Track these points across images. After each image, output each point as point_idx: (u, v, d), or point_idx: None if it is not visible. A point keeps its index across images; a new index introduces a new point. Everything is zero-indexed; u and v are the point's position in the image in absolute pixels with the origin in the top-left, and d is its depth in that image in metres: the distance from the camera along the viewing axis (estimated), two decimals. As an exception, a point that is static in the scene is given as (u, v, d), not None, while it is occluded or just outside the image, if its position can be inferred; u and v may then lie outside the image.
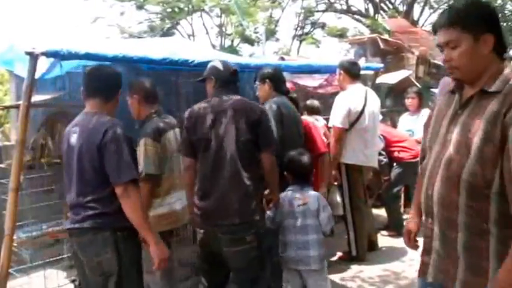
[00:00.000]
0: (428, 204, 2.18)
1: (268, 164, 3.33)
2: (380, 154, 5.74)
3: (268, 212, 3.59)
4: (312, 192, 3.72)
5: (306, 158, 3.78)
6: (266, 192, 3.57)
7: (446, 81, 7.12)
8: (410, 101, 6.66)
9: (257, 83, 4.26)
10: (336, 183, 5.05)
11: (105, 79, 3.03)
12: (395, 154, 6.00)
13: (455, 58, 2.05)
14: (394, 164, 6.11)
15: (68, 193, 2.92)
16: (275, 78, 4.19)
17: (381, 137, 5.82)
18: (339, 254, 5.29)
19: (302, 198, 3.64)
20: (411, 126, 6.58)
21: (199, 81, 3.61)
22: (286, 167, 3.78)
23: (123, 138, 2.80)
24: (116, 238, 2.79)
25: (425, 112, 6.52)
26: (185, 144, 3.35)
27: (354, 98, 4.95)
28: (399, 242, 4.54)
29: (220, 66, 3.47)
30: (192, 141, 3.29)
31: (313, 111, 5.62)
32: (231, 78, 3.45)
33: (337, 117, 4.90)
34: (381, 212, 6.51)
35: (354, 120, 4.92)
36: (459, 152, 2.01)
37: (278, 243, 3.71)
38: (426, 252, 2.28)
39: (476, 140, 1.94)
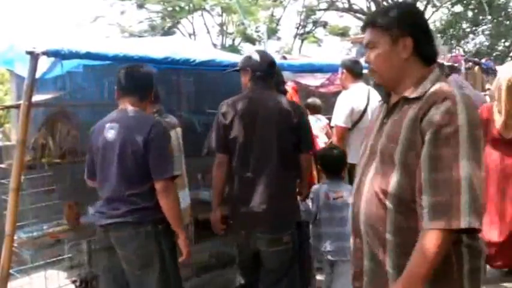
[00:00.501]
0: (355, 223, 2.00)
1: (306, 165, 3.40)
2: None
3: (302, 205, 3.62)
4: (347, 186, 3.75)
5: (337, 153, 3.88)
6: None
7: (454, 80, 7.12)
8: None
9: None
10: None
11: (142, 78, 3.08)
12: None
13: (372, 60, 1.95)
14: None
15: (102, 187, 2.99)
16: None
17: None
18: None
19: (337, 192, 3.69)
20: None
21: (234, 71, 3.55)
22: (319, 162, 3.89)
23: (166, 135, 2.96)
24: (156, 231, 2.89)
25: None
26: (220, 141, 3.30)
27: (356, 97, 4.92)
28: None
29: (257, 57, 3.35)
30: (227, 138, 3.25)
31: (314, 109, 5.59)
32: (268, 71, 3.34)
33: (339, 117, 4.87)
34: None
35: (357, 119, 4.88)
36: (384, 164, 1.87)
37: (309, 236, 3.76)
38: (357, 276, 2.04)
39: (398, 149, 1.81)
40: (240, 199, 3.23)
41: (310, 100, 5.79)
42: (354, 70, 5.05)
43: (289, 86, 4.86)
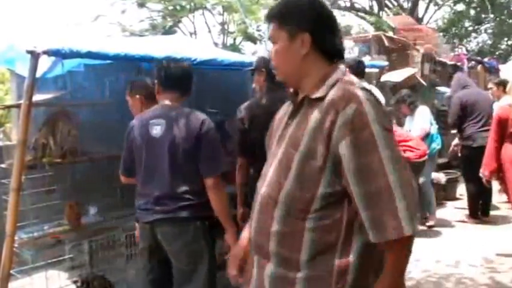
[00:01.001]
0: (250, 233, 1.88)
1: None
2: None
3: None
4: None
5: None
6: None
7: (458, 78, 7.10)
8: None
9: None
10: None
11: (184, 74, 3.11)
12: None
13: (273, 56, 1.85)
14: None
15: (145, 184, 2.98)
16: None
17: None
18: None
19: None
20: (407, 126, 6.53)
21: (250, 70, 3.57)
22: None
23: (216, 132, 2.99)
24: (205, 228, 2.94)
25: (421, 109, 6.47)
26: (240, 145, 3.44)
27: None
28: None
29: None
30: (246, 143, 3.36)
31: None
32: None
33: None
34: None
35: None
36: (281, 170, 1.74)
37: None
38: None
39: (297, 156, 1.68)
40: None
41: None
42: (356, 69, 5.01)
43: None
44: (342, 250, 1.67)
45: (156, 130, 2.93)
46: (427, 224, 6.36)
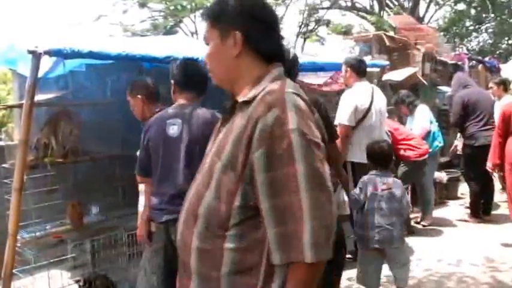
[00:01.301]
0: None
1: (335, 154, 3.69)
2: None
3: (350, 194, 3.93)
4: (394, 179, 3.98)
5: (385, 146, 4.15)
6: None
7: (458, 77, 7.11)
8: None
9: None
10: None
11: (203, 74, 3.03)
12: (401, 152, 5.93)
13: (205, 58, 1.74)
14: (401, 162, 6.05)
15: (161, 184, 2.98)
16: None
17: (388, 133, 5.76)
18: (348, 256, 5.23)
19: (386, 183, 3.88)
20: (408, 125, 6.53)
21: None
22: (368, 154, 4.13)
23: None
24: None
25: (420, 108, 6.47)
26: None
27: (360, 95, 4.91)
28: (407, 241, 4.49)
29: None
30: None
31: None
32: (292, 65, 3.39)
33: (343, 115, 4.85)
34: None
35: (361, 117, 4.87)
36: (204, 180, 1.63)
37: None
38: None
39: (219, 165, 1.56)
40: None
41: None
42: (358, 69, 5.05)
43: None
44: (266, 274, 1.52)
45: (173, 130, 2.96)
46: (422, 223, 6.38)
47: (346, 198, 5.01)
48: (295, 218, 1.42)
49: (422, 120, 6.36)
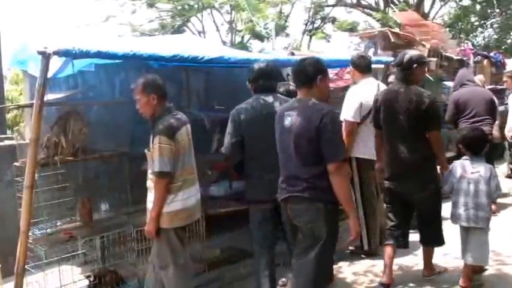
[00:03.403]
0: None
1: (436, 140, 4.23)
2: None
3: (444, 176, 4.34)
4: (485, 164, 4.25)
5: (479, 133, 4.48)
6: None
7: (459, 75, 7.13)
8: None
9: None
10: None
11: (306, 70, 3.41)
12: None
13: None
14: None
15: (282, 167, 3.42)
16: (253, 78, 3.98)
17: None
18: (351, 248, 5.29)
19: (475, 167, 4.18)
20: None
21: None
22: (461, 140, 4.42)
23: (338, 121, 3.42)
24: (326, 210, 3.26)
25: None
26: (375, 119, 4.32)
27: (365, 91, 4.94)
28: (412, 236, 4.52)
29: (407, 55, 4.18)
30: (379, 117, 4.28)
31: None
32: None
33: (348, 111, 4.90)
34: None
35: (366, 114, 4.90)
36: None
37: None
38: None
39: None
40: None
41: None
42: (360, 66, 5.11)
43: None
44: None
45: (288, 121, 3.34)
46: None
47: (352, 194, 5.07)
48: None
49: None
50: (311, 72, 3.36)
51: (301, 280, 3.37)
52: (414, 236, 4.55)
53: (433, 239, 4.44)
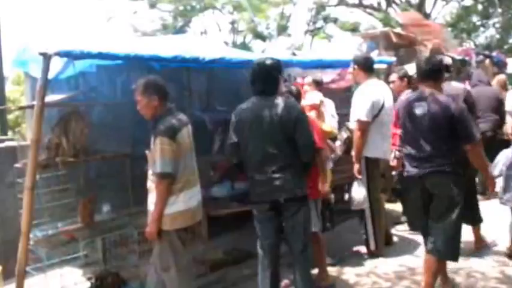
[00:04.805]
0: None
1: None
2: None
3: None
4: None
5: None
6: None
7: (474, 74, 7.18)
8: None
9: None
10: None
11: (436, 64, 4.07)
12: None
13: None
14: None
15: (415, 149, 3.98)
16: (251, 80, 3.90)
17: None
18: (355, 249, 5.27)
19: None
20: None
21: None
22: None
23: (466, 109, 4.00)
24: (458, 180, 3.91)
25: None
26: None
27: (374, 92, 5.01)
28: (414, 237, 4.51)
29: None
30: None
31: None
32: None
33: (362, 111, 4.94)
34: (395, 207, 6.52)
35: (376, 113, 4.95)
36: None
37: None
38: None
39: None
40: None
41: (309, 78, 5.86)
42: (365, 66, 5.12)
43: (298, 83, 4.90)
44: None
45: (419, 110, 3.92)
46: None
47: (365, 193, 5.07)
48: None
49: None
50: (439, 71, 4.07)
51: (444, 238, 3.93)
52: (415, 237, 4.52)
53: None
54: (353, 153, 5.02)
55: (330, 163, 4.78)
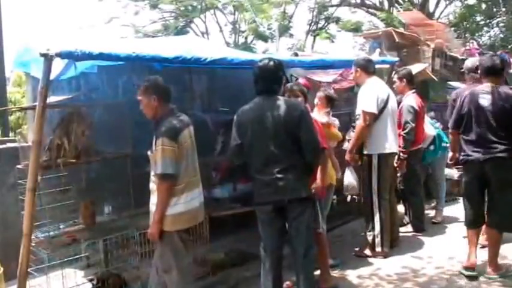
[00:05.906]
0: None
1: None
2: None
3: None
4: None
5: None
6: None
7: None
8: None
9: None
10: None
11: (498, 64, 4.53)
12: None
13: None
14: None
15: (474, 136, 4.44)
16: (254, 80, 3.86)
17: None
18: (358, 250, 5.25)
19: None
20: None
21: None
22: None
23: None
24: None
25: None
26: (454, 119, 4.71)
27: (379, 88, 5.11)
28: (417, 239, 4.49)
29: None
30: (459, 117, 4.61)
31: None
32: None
33: (368, 103, 5.00)
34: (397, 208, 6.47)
35: (382, 108, 5.04)
36: None
37: None
38: None
39: None
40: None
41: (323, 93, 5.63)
42: (367, 68, 5.18)
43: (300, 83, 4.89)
44: None
45: (484, 101, 4.38)
46: (433, 220, 6.36)
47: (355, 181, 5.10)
48: None
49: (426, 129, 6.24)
50: (501, 67, 4.51)
51: (503, 214, 4.42)
52: (418, 239, 4.50)
53: None
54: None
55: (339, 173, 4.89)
